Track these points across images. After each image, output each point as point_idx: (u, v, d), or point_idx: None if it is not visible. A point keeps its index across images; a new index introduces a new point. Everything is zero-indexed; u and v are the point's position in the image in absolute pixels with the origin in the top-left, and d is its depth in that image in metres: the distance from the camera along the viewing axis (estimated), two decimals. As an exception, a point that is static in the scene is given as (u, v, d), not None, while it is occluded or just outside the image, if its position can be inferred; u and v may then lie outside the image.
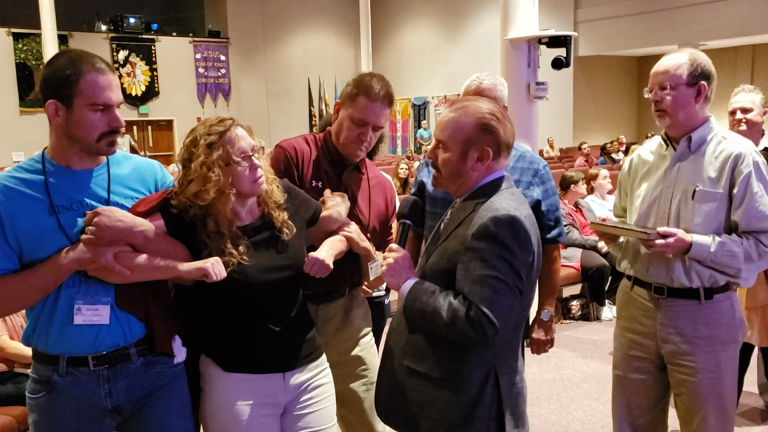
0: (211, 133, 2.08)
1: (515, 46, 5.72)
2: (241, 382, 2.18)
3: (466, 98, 2.06)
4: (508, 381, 1.97)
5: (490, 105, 2.00)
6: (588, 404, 4.55)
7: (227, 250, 2.09)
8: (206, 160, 2.05)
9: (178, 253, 2.10)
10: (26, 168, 2.05)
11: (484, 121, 1.95)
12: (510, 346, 2.00)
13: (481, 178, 1.99)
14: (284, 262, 2.19)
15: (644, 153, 2.84)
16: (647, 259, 2.70)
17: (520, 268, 1.85)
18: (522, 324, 2.06)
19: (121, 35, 20.57)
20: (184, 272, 2.05)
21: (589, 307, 6.44)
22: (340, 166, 2.66)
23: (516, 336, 2.03)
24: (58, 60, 2.02)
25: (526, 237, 1.86)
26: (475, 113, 1.96)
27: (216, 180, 2.04)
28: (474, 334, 1.82)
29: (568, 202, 6.54)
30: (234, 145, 2.08)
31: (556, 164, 14.58)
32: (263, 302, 2.17)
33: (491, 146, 1.96)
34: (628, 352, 2.83)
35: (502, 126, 1.97)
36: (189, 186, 2.07)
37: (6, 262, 1.99)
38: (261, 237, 2.20)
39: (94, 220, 1.96)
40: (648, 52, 19.05)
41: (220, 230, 2.10)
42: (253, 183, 2.12)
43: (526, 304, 2.00)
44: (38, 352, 2.11)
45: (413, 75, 23.21)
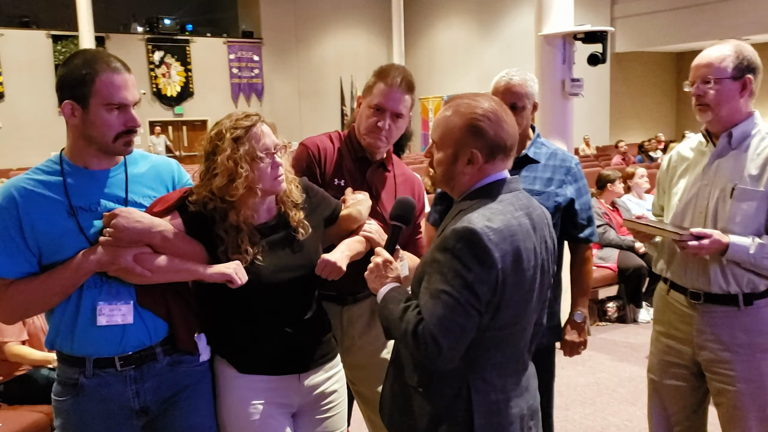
0: (238, 127, 2.05)
1: (550, 42, 5.61)
2: (255, 383, 2.15)
3: (464, 95, 1.92)
4: (484, 399, 1.83)
5: (486, 103, 1.85)
6: (624, 409, 4.44)
7: (243, 247, 2.07)
8: (233, 155, 2.02)
9: (197, 253, 2.07)
10: (44, 169, 2.04)
11: (474, 122, 1.81)
12: (491, 363, 1.84)
13: (474, 181, 1.86)
14: (298, 262, 2.15)
15: (684, 150, 2.74)
16: (683, 262, 2.60)
17: (477, 285, 1.70)
18: (510, 340, 1.85)
19: (157, 36, 20.85)
20: (206, 276, 2.03)
21: (626, 309, 6.30)
22: (364, 164, 2.61)
23: (503, 352, 1.85)
24: (73, 60, 1.99)
25: (485, 252, 1.70)
26: (466, 113, 1.83)
27: (245, 176, 2.02)
28: (419, 350, 1.75)
29: (604, 201, 6.41)
30: (259, 141, 2.05)
31: (593, 163, 14.38)
32: (277, 303, 2.13)
33: (481, 149, 1.81)
34: (664, 357, 2.73)
35: (496, 127, 1.82)
36: (214, 179, 2.04)
37: (25, 265, 1.97)
38: (276, 237, 2.16)
39: (112, 221, 1.94)
40: (687, 47, 18.69)
41: (240, 225, 2.07)
42: (273, 181, 2.09)
43: (505, 321, 1.80)
44: (63, 355, 2.09)
45: (446, 73, 23.13)
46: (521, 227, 1.78)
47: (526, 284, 1.80)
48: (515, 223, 1.77)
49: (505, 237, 1.73)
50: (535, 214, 1.86)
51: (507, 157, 1.87)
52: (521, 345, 1.90)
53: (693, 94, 2.55)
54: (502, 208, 1.79)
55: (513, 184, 1.88)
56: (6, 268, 1.96)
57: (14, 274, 1.97)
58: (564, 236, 2.82)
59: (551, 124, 5.63)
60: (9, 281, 1.97)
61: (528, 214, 1.83)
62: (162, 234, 2.00)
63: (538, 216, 1.87)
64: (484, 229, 1.71)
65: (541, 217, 1.89)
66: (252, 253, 2.07)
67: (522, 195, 1.88)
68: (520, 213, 1.81)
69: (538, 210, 1.90)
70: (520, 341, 1.89)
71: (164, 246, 2.01)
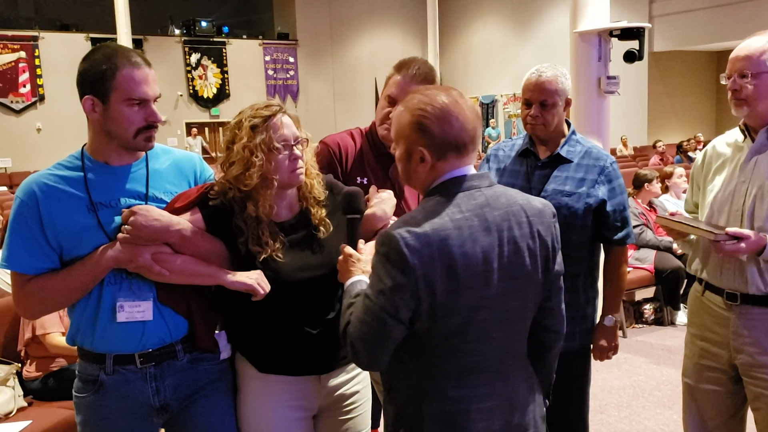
0: (256, 116, 2.03)
1: (585, 39, 5.52)
2: (276, 384, 2.12)
3: (422, 89, 1.80)
4: (436, 409, 1.73)
5: (439, 98, 1.72)
6: (660, 413, 4.34)
7: (263, 239, 2.03)
8: (249, 143, 2.00)
9: (216, 251, 2.05)
10: (66, 165, 2.04)
11: (420, 119, 1.70)
12: (445, 372, 1.72)
13: (430, 179, 1.75)
14: (319, 261, 2.10)
15: (720, 145, 2.64)
16: (719, 261, 2.50)
17: (393, 291, 1.62)
18: (467, 349, 1.71)
19: (194, 38, 21.08)
20: (228, 283, 2.01)
21: (663, 311, 6.17)
22: (386, 160, 2.58)
23: (459, 362, 1.72)
24: (94, 55, 1.98)
25: (401, 258, 1.60)
26: (414, 109, 1.72)
27: (260, 165, 1.99)
28: (346, 350, 1.73)
29: (641, 201, 6.30)
30: (277, 131, 2.02)
31: (630, 163, 14.19)
32: (297, 302, 2.09)
33: (428, 147, 1.71)
34: (699, 361, 2.64)
35: (443, 124, 1.69)
36: (231, 168, 2.03)
37: (46, 261, 1.97)
38: (297, 235, 2.13)
39: (131, 219, 1.93)
40: (727, 46, 18.29)
41: (259, 216, 2.03)
42: (291, 173, 2.05)
43: (451, 329, 1.67)
44: (84, 351, 2.09)
45: (481, 73, 23.02)
46: (460, 230, 1.65)
47: (472, 291, 1.66)
48: (451, 226, 1.65)
49: (431, 242, 1.62)
50: (495, 214, 1.70)
51: (461, 154, 1.73)
52: (491, 354, 1.75)
53: (729, 88, 2.45)
54: (441, 209, 1.67)
55: (472, 181, 1.73)
56: (26, 264, 1.96)
57: (34, 270, 1.97)
58: (597, 238, 2.74)
59: (586, 122, 5.53)
60: (29, 277, 1.97)
61: (480, 214, 1.68)
62: (180, 232, 1.98)
63: (503, 216, 1.71)
64: (403, 233, 1.62)
65: (509, 216, 1.72)
66: (272, 246, 2.04)
67: (479, 194, 1.72)
68: (467, 215, 1.67)
69: (507, 209, 1.73)
70: (487, 350, 1.74)
71: (183, 244, 1.99)
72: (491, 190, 1.75)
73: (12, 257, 1.97)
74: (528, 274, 1.75)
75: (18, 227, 1.96)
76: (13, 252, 1.96)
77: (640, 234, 6.08)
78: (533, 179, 2.71)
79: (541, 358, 1.93)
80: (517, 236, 1.72)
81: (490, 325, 1.71)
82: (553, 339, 1.93)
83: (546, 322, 1.88)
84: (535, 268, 1.76)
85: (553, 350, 1.95)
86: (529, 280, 1.76)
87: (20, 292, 2.00)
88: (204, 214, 2.05)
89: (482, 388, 1.75)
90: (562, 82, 2.67)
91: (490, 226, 1.68)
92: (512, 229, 1.71)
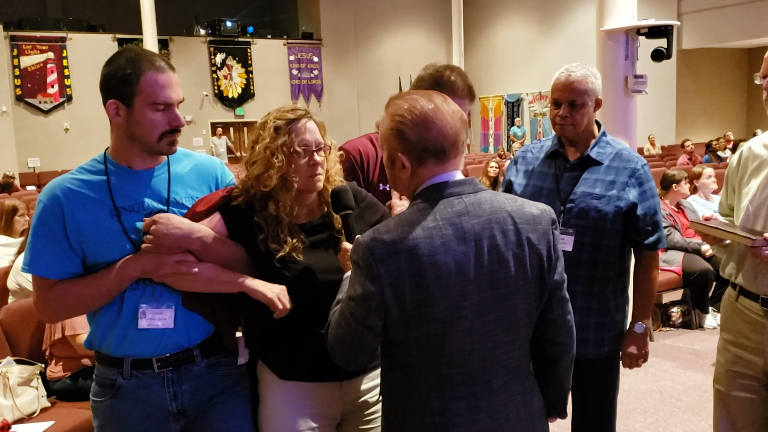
0: (281, 119, 2.04)
1: (611, 37, 5.44)
2: (297, 390, 2.10)
3: (405, 93, 1.77)
4: (417, 420, 1.69)
5: (418, 103, 1.68)
6: (688, 419, 4.26)
7: (282, 237, 2.03)
8: (270, 144, 2.01)
9: (237, 257, 2.05)
10: (89, 169, 2.04)
11: (397, 125, 1.68)
12: (426, 382, 1.68)
13: (413, 184, 1.72)
14: (338, 265, 2.07)
15: (756, 146, 2.55)
16: (755, 266, 2.43)
17: (363, 299, 1.61)
18: (445, 360, 1.66)
19: (219, 38, 21.24)
20: (249, 290, 2.00)
21: (691, 314, 6.06)
22: None
23: (438, 373, 1.68)
24: (117, 59, 1.97)
25: (368, 267, 1.60)
26: (393, 115, 1.69)
27: (279, 166, 1.99)
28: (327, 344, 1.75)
29: (669, 202, 6.20)
30: (299, 135, 2.03)
31: (658, 162, 14.01)
32: (317, 305, 2.04)
33: (407, 154, 1.68)
34: (732, 368, 2.57)
35: (420, 130, 1.65)
36: (252, 167, 2.04)
37: (70, 266, 1.98)
38: (319, 237, 2.12)
39: (152, 228, 1.93)
40: (759, 43, 18.02)
41: (279, 215, 2.03)
42: (309, 178, 2.04)
43: (424, 340, 1.64)
44: (101, 355, 2.09)
45: (506, 72, 22.92)
46: (431, 239, 1.60)
47: (445, 301, 1.61)
48: (422, 235, 1.60)
49: (399, 251, 1.59)
50: (474, 222, 1.64)
51: (441, 160, 1.68)
52: (473, 367, 1.68)
53: (764, 88, 2.39)
54: (414, 218, 1.64)
55: (454, 188, 1.68)
56: (51, 268, 1.96)
57: (59, 274, 1.97)
58: (628, 243, 2.67)
59: (613, 122, 5.45)
60: (54, 281, 1.97)
61: (456, 223, 1.63)
62: (201, 240, 1.99)
63: (483, 223, 1.65)
64: (371, 242, 1.61)
65: (491, 223, 1.65)
66: (291, 244, 2.03)
67: (458, 202, 1.66)
68: (441, 223, 1.62)
69: (491, 216, 1.66)
70: (468, 363, 1.67)
71: (204, 251, 2.00)
72: (474, 196, 1.69)
73: (35, 261, 1.97)
74: (515, 283, 1.68)
75: (41, 232, 1.96)
76: (37, 256, 1.96)
77: (667, 236, 5.98)
78: (561, 181, 2.66)
79: (550, 371, 1.87)
80: (500, 244, 1.66)
81: (469, 336, 1.65)
82: (560, 351, 1.85)
83: (549, 334, 1.81)
84: (524, 276, 1.69)
85: (561, 362, 1.87)
86: (517, 290, 1.68)
87: (44, 297, 2.00)
88: (225, 218, 2.06)
89: (465, 400, 1.69)
90: (592, 81, 2.62)
91: (466, 234, 1.63)
92: (494, 237, 1.65)
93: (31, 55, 19.03)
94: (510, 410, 1.73)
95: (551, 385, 1.88)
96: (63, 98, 19.43)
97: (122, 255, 1.98)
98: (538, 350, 1.83)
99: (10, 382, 3.52)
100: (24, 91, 18.90)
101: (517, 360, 1.75)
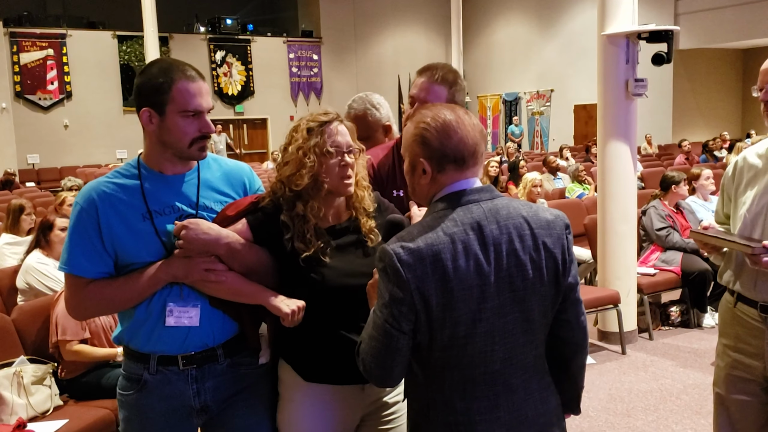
0: (314, 121, 2.11)
1: (613, 41, 5.49)
2: (321, 393, 2.15)
3: (429, 105, 1.87)
4: (443, 420, 1.77)
5: (441, 113, 1.78)
6: (688, 417, 4.33)
7: (308, 237, 2.08)
8: (303, 145, 2.07)
9: (262, 262, 2.12)
10: (123, 173, 2.13)
11: (421, 131, 1.77)
12: (449, 383, 1.76)
13: (432, 191, 1.80)
14: (366, 269, 2.09)
15: (751, 156, 2.61)
16: (753, 273, 2.49)
17: (394, 305, 1.67)
18: (467, 361, 1.73)
19: (219, 36, 21.24)
20: (268, 304, 2.08)
21: (690, 314, 6.14)
22: None
23: (461, 374, 1.75)
24: (151, 69, 2.07)
25: (395, 273, 1.66)
26: (418, 122, 1.79)
27: (311, 166, 2.06)
28: (360, 367, 1.80)
29: (668, 203, 6.27)
30: (331, 137, 2.09)
31: (655, 162, 14.08)
32: (343, 308, 2.11)
33: (428, 159, 1.76)
34: (732, 372, 2.63)
35: (442, 137, 1.75)
36: (284, 168, 2.11)
37: (102, 266, 2.07)
38: (346, 240, 2.17)
39: (182, 233, 2.02)
40: (754, 44, 18.12)
41: (307, 215, 2.09)
42: (340, 179, 2.10)
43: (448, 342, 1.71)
44: (130, 350, 2.18)
45: (504, 70, 22.97)
46: (454, 245, 1.68)
47: (466, 304, 1.69)
48: (446, 240, 1.68)
49: (424, 257, 1.66)
50: (493, 228, 1.72)
51: (460, 168, 1.77)
52: (493, 367, 1.76)
53: (761, 100, 2.44)
54: (436, 224, 1.71)
55: (472, 195, 1.76)
56: (85, 268, 2.06)
57: (92, 274, 2.06)
58: None
59: (614, 125, 5.51)
60: (87, 281, 2.07)
61: (476, 228, 1.71)
62: (229, 245, 2.06)
63: (502, 228, 1.73)
64: (397, 249, 1.67)
65: (509, 228, 1.73)
66: (315, 244, 2.07)
67: (477, 208, 1.74)
68: (462, 228, 1.70)
69: (507, 221, 1.74)
70: (489, 363, 1.75)
71: (231, 256, 2.07)
72: (491, 203, 1.77)
73: (71, 261, 2.06)
74: (532, 285, 1.75)
75: (77, 233, 2.06)
76: (73, 256, 2.06)
77: (666, 236, 6.06)
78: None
79: (564, 370, 1.94)
80: (518, 248, 1.73)
81: (490, 338, 1.73)
82: (573, 351, 1.93)
83: (563, 335, 1.90)
84: (541, 279, 1.76)
85: (575, 362, 1.95)
86: (534, 292, 1.76)
87: (77, 295, 2.09)
88: (251, 222, 2.12)
89: (487, 399, 1.77)
90: (373, 113, 2.79)
91: (486, 239, 1.71)
92: (513, 242, 1.73)
93: (31, 51, 19.01)
94: (529, 408, 1.81)
95: (565, 384, 1.95)
96: (62, 95, 19.42)
97: (153, 256, 2.06)
98: (553, 350, 1.90)
99: (24, 381, 3.58)
100: (24, 87, 18.89)
101: (533, 360, 1.83)
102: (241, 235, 2.09)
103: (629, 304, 5.68)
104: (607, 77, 5.57)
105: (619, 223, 5.59)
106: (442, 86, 2.48)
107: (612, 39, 5.51)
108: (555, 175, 10.41)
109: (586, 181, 9.51)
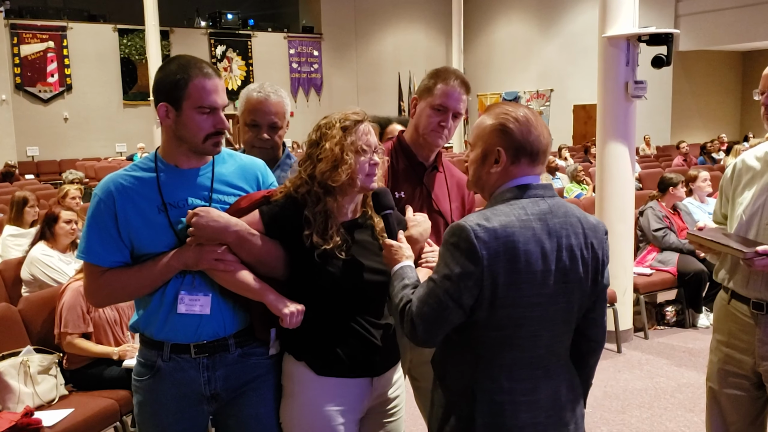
0: (348, 119, 2.16)
1: (613, 44, 5.54)
2: (331, 387, 2.18)
3: (505, 103, 2.00)
4: (488, 399, 1.87)
5: (521, 110, 1.91)
6: (681, 415, 4.41)
7: (330, 233, 2.13)
8: (341, 142, 2.12)
9: (271, 252, 2.16)
10: (141, 166, 2.20)
11: (503, 122, 1.88)
12: (498, 363, 1.87)
13: (500, 182, 1.91)
14: (379, 266, 2.18)
15: (749, 158, 2.69)
16: (747, 272, 2.56)
17: (460, 278, 1.78)
18: (516, 342, 1.85)
19: (219, 31, 21.25)
20: (269, 303, 2.14)
21: (685, 314, 6.21)
22: (419, 169, 2.70)
23: (511, 355, 1.87)
24: (170, 65, 2.14)
25: (470, 248, 1.76)
26: (499, 114, 1.90)
27: (350, 163, 2.11)
28: (402, 326, 1.90)
29: (665, 204, 6.33)
30: (364, 135, 2.16)
31: (653, 163, 14.14)
32: (356, 303, 2.18)
33: (506, 149, 1.88)
34: (724, 366, 2.71)
35: (524, 130, 1.87)
36: (318, 164, 2.14)
37: (119, 255, 2.14)
38: (361, 235, 2.22)
39: (193, 220, 2.08)
40: (754, 46, 18.20)
41: (331, 211, 2.15)
42: (366, 176, 2.16)
43: (503, 321, 1.82)
44: (145, 338, 2.25)
45: (505, 70, 23.01)
46: (525, 230, 1.80)
47: (530, 287, 1.81)
48: (518, 225, 1.80)
49: (498, 236, 1.77)
50: (556, 221, 1.85)
51: (533, 162, 1.90)
52: (538, 352, 1.89)
53: (762, 104, 2.52)
54: (509, 210, 1.83)
55: (537, 190, 1.89)
56: (102, 257, 2.13)
57: (109, 263, 2.14)
58: None
59: (613, 126, 5.56)
60: (104, 269, 2.14)
61: (542, 219, 1.84)
62: (238, 234, 2.11)
63: (562, 224, 1.86)
64: (474, 226, 1.77)
65: (567, 225, 1.87)
66: (334, 240, 2.13)
67: (542, 202, 1.87)
68: (532, 217, 1.83)
69: (566, 219, 1.88)
70: (535, 348, 1.88)
71: (239, 244, 2.12)
72: (553, 200, 1.90)
73: (90, 250, 2.14)
74: (579, 280, 1.89)
75: (95, 223, 2.14)
76: (91, 245, 2.14)
77: (663, 237, 6.12)
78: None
79: (580, 366, 2.05)
80: (573, 244, 1.87)
81: (540, 323, 1.86)
82: (593, 348, 2.06)
83: (588, 332, 2.02)
84: (586, 276, 1.90)
85: (592, 358, 2.08)
86: (579, 287, 1.90)
87: (94, 283, 2.18)
88: (264, 216, 2.17)
89: (530, 382, 1.89)
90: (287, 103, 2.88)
91: (551, 231, 1.84)
92: (570, 237, 1.87)
93: (32, 43, 19.03)
94: (562, 393, 1.95)
95: (580, 377, 2.07)
96: (63, 87, 19.45)
97: (167, 247, 2.14)
98: (575, 346, 2.03)
99: (31, 370, 3.62)
100: (24, 79, 18.92)
101: (565, 350, 1.98)
102: (252, 226, 2.14)
103: (625, 304, 5.74)
104: (607, 79, 5.62)
105: (616, 224, 5.63)
106: (467, 94, 2.65)
107: (612, 41, 5.56)
108: (553, 174, 10.46)
109: (584, 181, 9.58)
